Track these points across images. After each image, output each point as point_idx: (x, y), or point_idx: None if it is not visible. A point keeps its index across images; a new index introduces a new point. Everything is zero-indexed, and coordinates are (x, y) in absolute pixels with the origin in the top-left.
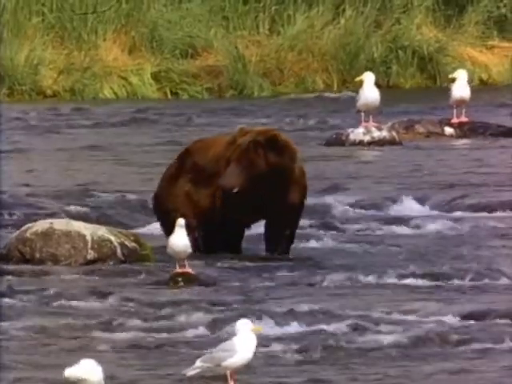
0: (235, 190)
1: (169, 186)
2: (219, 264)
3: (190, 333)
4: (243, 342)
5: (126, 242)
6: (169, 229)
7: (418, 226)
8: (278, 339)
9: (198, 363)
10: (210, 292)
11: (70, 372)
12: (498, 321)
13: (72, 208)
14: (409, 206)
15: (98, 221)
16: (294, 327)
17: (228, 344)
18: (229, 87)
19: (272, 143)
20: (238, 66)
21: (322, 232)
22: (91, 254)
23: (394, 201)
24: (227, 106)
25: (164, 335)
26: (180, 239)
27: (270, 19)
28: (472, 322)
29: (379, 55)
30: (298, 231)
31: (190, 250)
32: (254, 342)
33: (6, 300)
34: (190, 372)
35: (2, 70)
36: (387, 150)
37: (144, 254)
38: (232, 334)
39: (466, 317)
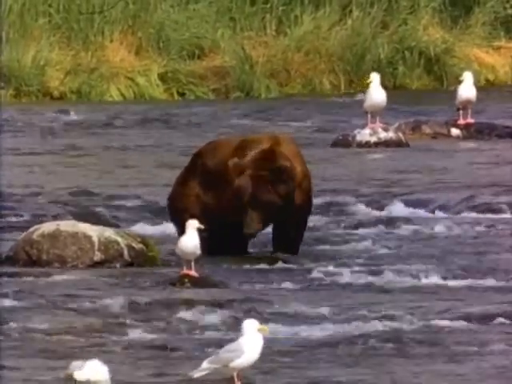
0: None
1: (181, 187)
2: (226, 265)
3: (197, 334)
4: (250, 342)
5: (133, 244)
6: (181, 229)
7: (423, 227)
8: (284, 340)
9: (205, 364)
10: (217, 293)
11: (78, 374)
12: (501, 321)
13: (78, 209)
14: (415, 207)
15: (105, 222)
16: (298, 328)
17: (235, 345)
18: (235, 88)
19: (276, 174)
20: (245, 66)
21: (328, 233)
22: (98, 256)
23: (400, 201)
24: (234, 106)
25: (170, 336)
26: (190, 240)
27: (277, 20)
28: (474, 322)
29: (386, 56)
30: (305, 232)
31: (199, 251)
32: (260, 342)
33: (13, 302)
34: (197, 373)
35: (9, 70)
36: (394, 151)
37: (151, 255)
38: (239, 335)
39: (468, 317)
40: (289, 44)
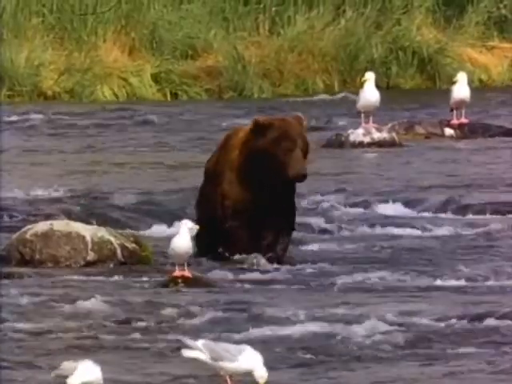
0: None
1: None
2: (219, 266)
3: (189, 334)
4: (250, 357)
5: (126, 244)
6: None
7: (417, 228)
8: (278, 341)
9: (201, 346)
10: (210, 294)
11: (70, 381)
12: (499, 322)
13: (72, 209)
14: (408, 208)
15: (98, 222)
16: (292, 329)
17: (236, 349)
18: (228, 88)
19: None
20: (238, 67)
21: (321, 233)
22: (91, 256)
23: (394, 202)
24: (227, 107)
25: (163, 337)
26: (182, 241)
27: (270, 20)
28: (471, 322)
29: (379, 56)
30: (297, 232)
31: (191, 251)
32: (259, 359)
33: (6, 301)
34: (188, 353)
35: (3, 71)
36: (387, 151)
37: (144, 255)
38: (231, 335)
39: (465, 318)
40: (282, 44)
